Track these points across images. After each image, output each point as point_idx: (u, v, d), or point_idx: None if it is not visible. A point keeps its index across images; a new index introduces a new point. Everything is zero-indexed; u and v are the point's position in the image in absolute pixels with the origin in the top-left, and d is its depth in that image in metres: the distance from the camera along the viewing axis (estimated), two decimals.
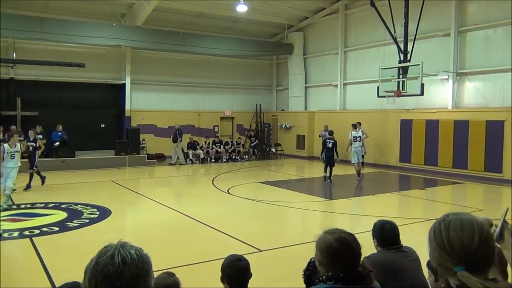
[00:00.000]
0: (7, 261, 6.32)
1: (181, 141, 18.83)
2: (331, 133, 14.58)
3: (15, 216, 8.95)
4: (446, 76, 15.67)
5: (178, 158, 18.77)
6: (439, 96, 16.06)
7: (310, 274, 2.53)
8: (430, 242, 1.51)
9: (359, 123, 17.25)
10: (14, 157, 10.08)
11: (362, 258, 2.13)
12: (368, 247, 3.25)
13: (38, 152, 13.36)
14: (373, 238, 3.47)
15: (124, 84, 19.89)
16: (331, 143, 14.00)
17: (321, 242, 2.12)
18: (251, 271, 2.86)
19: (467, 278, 1.38)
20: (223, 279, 2.83)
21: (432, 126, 15.81)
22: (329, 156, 13.94)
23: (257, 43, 22.43)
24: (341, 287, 1.97)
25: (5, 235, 7.49)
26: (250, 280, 2.87)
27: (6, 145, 10.02)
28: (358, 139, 14.42)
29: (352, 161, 14.47)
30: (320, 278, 2.07)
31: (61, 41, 17.47)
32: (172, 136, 19.06)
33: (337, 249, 2.06)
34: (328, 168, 13.88)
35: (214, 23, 21.08)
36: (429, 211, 10.35)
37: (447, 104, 15.81)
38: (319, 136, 19.05)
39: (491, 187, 13.18)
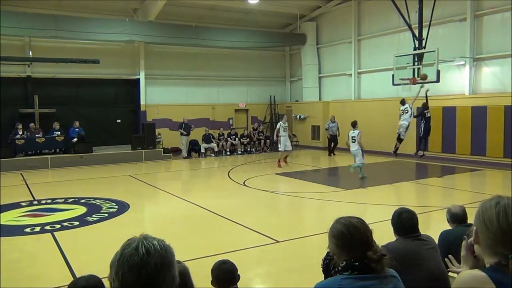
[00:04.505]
0: (31, 256, 6.49)
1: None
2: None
3: (36, 211, 9.15)
4: (463, 62, 15.39)
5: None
6: (456, 83, 15.79)
7: (328, 263, 2.55)
8: (490, 224, 1.47)
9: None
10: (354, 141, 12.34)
11: (379, 246, 2.13)
12: (387, 236, 3.26)
13: None
14: (392, 227, 3.47)
15: (138, 79, 20.04)
16: None
17: (330, 230, 2.16)
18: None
19: None
20: (213, 282, 3.01)
21: (449, 113, 15.58)
22: None
23: (269, 35, 22.33)
24: (357, 276, 1.98)
25: (28, 230, 7.68)
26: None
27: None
28: (284, 130, 16.02)
29: (279, 149, 15.62)
30: (336, 269, 2.08)
31: (75, 38, 17.64)
32: (184, 130, 19.04)
33: (343, 233, 2.08)
34: None
35: (226, 15, 21.04)
36: (448, 199, 10.24)
37: (464, 90, 15.54)
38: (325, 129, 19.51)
39: (510, 173, 12.94)
